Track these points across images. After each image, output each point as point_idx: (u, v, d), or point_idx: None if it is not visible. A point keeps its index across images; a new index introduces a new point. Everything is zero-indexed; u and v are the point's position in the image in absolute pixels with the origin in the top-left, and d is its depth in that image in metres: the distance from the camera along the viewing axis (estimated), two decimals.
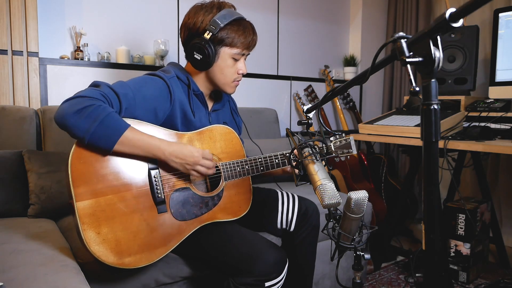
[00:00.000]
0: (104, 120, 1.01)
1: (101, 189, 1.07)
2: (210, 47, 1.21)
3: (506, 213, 2.67)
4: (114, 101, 1.09)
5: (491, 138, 1.79)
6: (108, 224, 1.06)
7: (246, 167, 1.31)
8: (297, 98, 2.85)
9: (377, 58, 0.78)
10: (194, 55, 1.23)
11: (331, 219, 1.02)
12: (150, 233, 1.12)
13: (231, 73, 1.29)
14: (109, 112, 1.03)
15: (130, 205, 1.10)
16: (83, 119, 1.00)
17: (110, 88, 1.10)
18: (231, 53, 1.26)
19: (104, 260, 1.04)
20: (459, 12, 0.59)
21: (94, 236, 1.04)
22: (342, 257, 1.56)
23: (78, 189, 1.04)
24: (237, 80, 1.32)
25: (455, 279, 2.05)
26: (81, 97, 1.03)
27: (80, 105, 1.01)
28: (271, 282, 1.13)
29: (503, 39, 2.10)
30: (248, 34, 1.26)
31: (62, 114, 1.01)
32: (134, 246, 1.09)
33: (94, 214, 1.05)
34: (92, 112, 1.00)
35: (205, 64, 1.24)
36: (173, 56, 2.37)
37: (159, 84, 1.21)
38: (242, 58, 1.30)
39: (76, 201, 1.03)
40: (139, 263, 1.09)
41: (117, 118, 1.05)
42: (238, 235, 1.22)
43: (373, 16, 3.26)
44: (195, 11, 1.25)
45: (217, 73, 1.29)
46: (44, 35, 1.96)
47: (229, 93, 1.35)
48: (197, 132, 1.26)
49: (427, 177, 0.67)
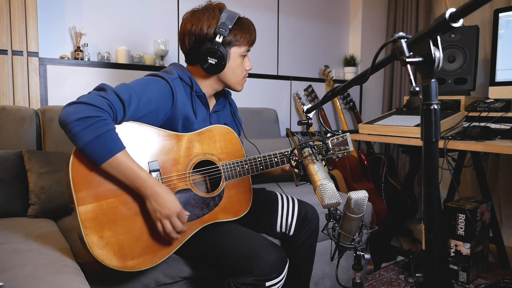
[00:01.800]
0: (101, 135, 1.01)
1: (102, 193, 1.06)
2: (223, 50, 1.23)
3: (506, 213, 2.67)
4: (119, 109, 1.08)
5: (491, 138, 1.79)
6: (111, 228, 1.06)
7: (246, 166, 1.31)
8: (297, 98, 2.85)
9: (377, 58, 0.78)
10: (208, 60, 1.24)
11: (331, 219, 1.02)
12: (152, 235, 1.12)
13: (241, 71, 1.33)
14: (109, 129, 1.03)
15: (132, 208, 1.10)
16: (83, 128, 1.00)
17: (116, 95, 1.09)
18: (240, 52, 1.30)
19: (108, 263, 1.04)
20: (459, 12, 0.59)
21: (97, 240, 1.04)
22: (342, 257, 1.56)
23: (79, 193, 1.03)
24: (245, 77, 1.36)
25: (455, 279, 2.05)
26: (87, 104, 1.02)
27: (84, 114, 1.01)
28: (271, 281, 1.13)
29: (503, 39, 2.10)
30: (252, 31, 1.31)
31: (66, 117, 1.01)
32: (137, 249, 1.09)
33: (96, 218, 1.04)
34: (93, 124, 1.00)
35: (219, 67, 1.25)
36: (173, 56, 2.37)
37: (162, 85, 1.21)
38: (247, 55, 1.34)
39: (78, 206, 1.03)
40: (142, 266, 1.09)
41: (114, 137, 1.05)
42: (239, 235, 1.23)
43: (373, 16, 3.26)
44: (198, 17, 1.25)
45: (229, 74, 1.31)
46: (44, 35, 1.96)
47: (239, 90, 1.38)
48: (197, 133, 1.26)
49: (427, 177, 0.67)
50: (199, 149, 1.25)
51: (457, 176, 2.30)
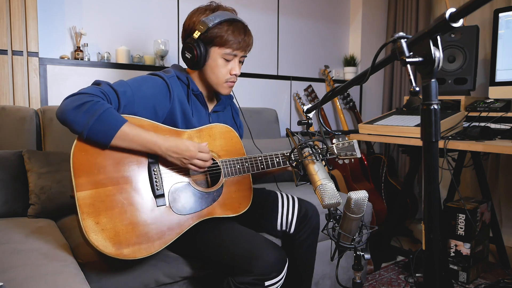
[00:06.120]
0: (101, 115, 1.05)
1: (101, 180, 1.09)
2: (199, 47, 1.24)
3: (506, 213, 2.67)
4: (113, 99, 1.12)
5: (491, 138, 1.79)
6: (107, 215, 1.08)
7: (246, 164, 1.32)
8: (297, 98, 2.85)
9: (377, 58, 0.78)
10: (185, 53, 1.26)
11: (331, 219, 1.02)
12: (148, 225, 1.13)
13: (223, 73, 1.29)
14: (106, 108, 1.07)
15: (130, 197, 1.12)
16: (81, 114, 1.04)
17: (110, 86, 1.14)
18: (221, 52, 1.26)
19: (103, 250, 1.05)
20: (459, 12, 0.59)
21: (93, 225, 1.05)
22: (342, 257, 1.56)
23: (79, 180, 1.06)
24: (230, 81, 1.31)
25: (455, 279, 2.05)
26: (81, 93, 1.07)
27: (79, 101, 1.05)
28: (271, 281, 1.13)
29: (503, 39, 2.10)
30: (239, 34, 1.25)
31: (63, 109, 1.05)
32: (133, 237, 1.10)
33: (93, 204, 1.07)
34: (90, 108, 1.04)
35: (195, 63, 1.26)
36: (173, 56, 2.37)
37: (158, 82, 1.24)
38: (236, 59, 1.29)
39: (77, 191, 1.06)
40: (138, 255, 1.10)
41: (114, 114, 1.08)
42: (238, 234, 1.23)
43: (373, 16, 3.26)
44: (193, 13, 1.28)
45: (208, 73, 1.30)
46: (44, 35, 1.96)
47: (223, 93, 1.34)
48: (197, 130, 1.28)
49: (427, 177, 0.67)
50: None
51: (457, 176, 2.30)
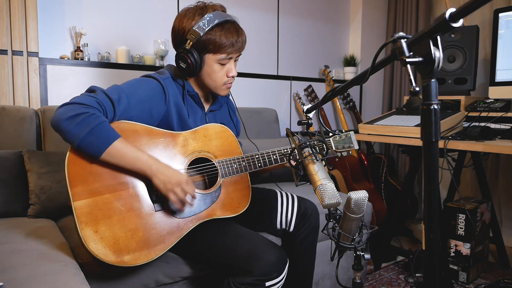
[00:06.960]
0: (94, 128, 1.03)
1: (97, 188, 1.08)
2: (193, 56, 1.21)
3: (506, 213, 2.67)
4: (109, 108, 1.10)
5: (491, 138, 1.79)
6: (106, 223, 1.07)
7: (243, 163, 1.31)
8: (297, 98, 2.85)
9: (377, 58, 0.78)
10: (179, 63, 1.24)
11: (331, 219, 1.02)
12: (148, 231, 1.13)
13: (220, 77, 1.28)
14: (101, 121, 1.05)
15: (127, 204, 1.11)
16: (74, 125, 1.02)
17: (105, 94, 1.11)
18: (216, 58, 1.24)
19: (103, 258, 1.04)
20: (459, 12, 0.59)
21: (92, 234, 1.05)
22: (342, 257, 1.56)
23: (75, 189, 1.05)
24: (228, 83, 1.31)
25: (455, 279, 2.05)
26: (76, 103, 1.05)
27: (74, 112, 1.03)
28: (271, 281, 1.13)
29: (503, 39, 2.10)
30: (231, 36, 1.22)
31: (57, 118, 1.04)
32: (132, 244, 1.10)
33: (91, 213, 1.06)
34: (84, 120, 1.03)
35: (190, 72, 1.24)
36: (173, 56, 2.36)
37: (153, 85, 1.22)
38: (231, 61, 1.28)
39: (74, 201, 1.05)
40: (138, 261, 1.10)
41: (108, 128, 1.07)
42: (238, 235, 1.22)
43: (373, 16, 3.26)
44: (182, 15, 1.24)
45: (206, 79, 1.29)
46: (44, 35, 1.96)
47: (222, 95, 1.34)
48: (192, 131, 1.27)
49: (427, 177, 0.67)
50: (194, 146, 1.26)
51: (457, 176, 2.30)
